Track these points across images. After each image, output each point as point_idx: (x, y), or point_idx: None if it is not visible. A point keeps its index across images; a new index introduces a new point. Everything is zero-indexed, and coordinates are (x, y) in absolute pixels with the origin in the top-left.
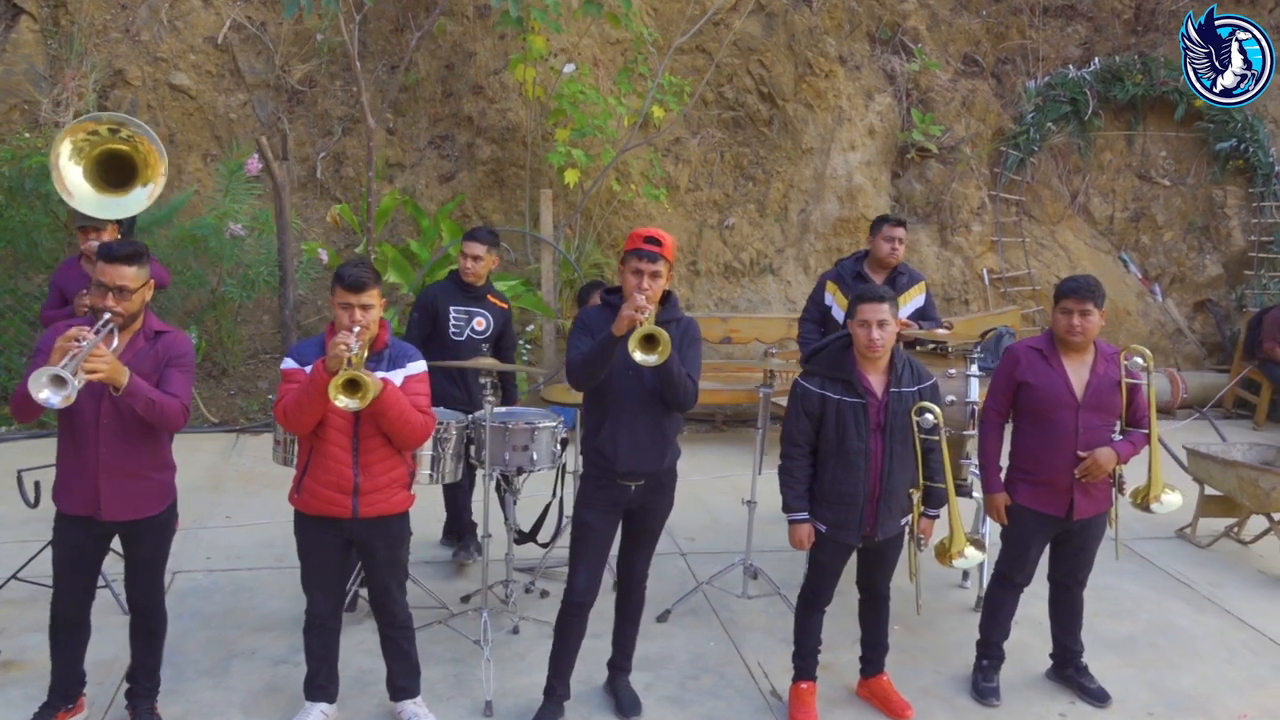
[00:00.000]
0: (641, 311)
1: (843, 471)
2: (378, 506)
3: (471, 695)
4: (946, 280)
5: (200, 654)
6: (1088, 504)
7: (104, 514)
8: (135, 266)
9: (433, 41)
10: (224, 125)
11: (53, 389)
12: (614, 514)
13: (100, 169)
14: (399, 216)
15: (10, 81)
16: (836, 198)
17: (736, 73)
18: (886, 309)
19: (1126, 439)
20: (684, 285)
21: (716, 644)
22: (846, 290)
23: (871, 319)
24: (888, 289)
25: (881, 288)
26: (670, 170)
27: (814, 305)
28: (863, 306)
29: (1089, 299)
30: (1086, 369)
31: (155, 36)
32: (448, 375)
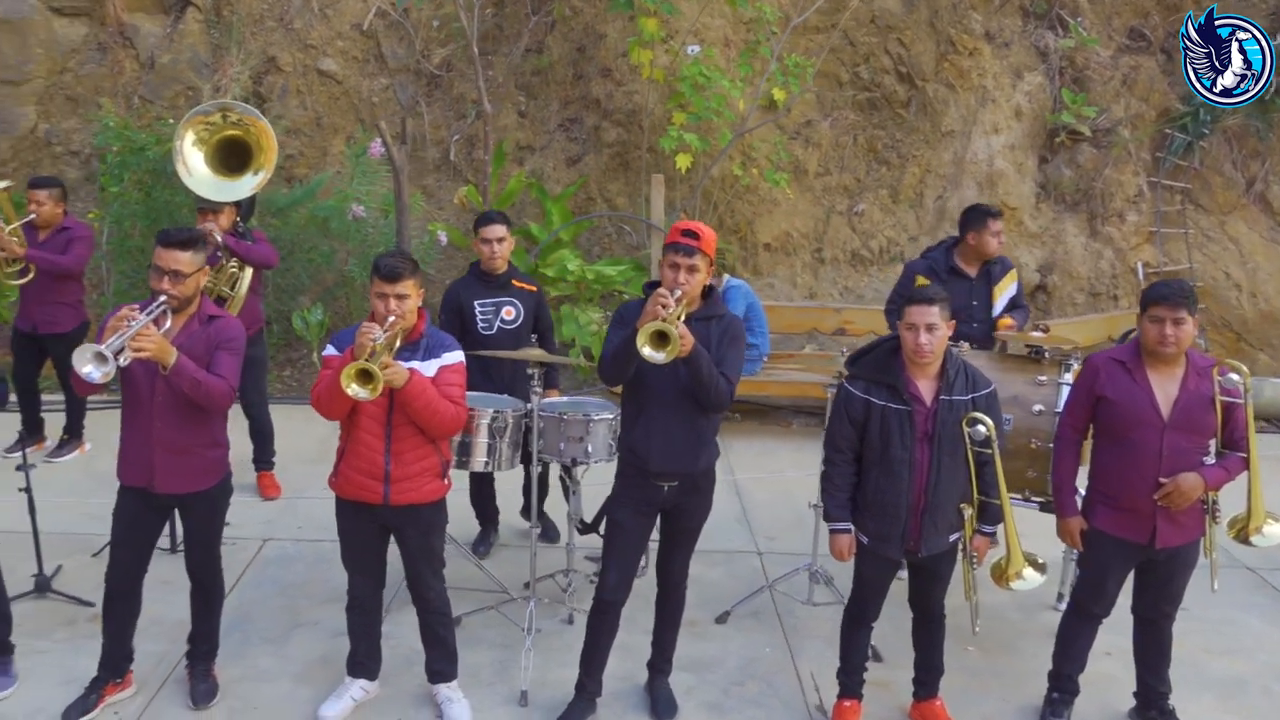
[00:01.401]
0: (665, 307)
1: (885, 481)
2: (408, 494)
3: (512, 683)
4: (1094, 274)
5: (269, 621)
6: (1174, 531)
7: (158, 486)
8: (190, 252)
9: (565, 24)
10: (367, 109)
11: (95, 364)
12: (647, 514)
13: (221, 154)
14: (525, 199)
15: (176, 69)
16: (976, 183)
17: (874, 52)
18: (937, 312)
19: (1219, 463)
20: (808, 273)
21: (772, 650)
22: (940, 282)
23: (920, 322)
24: (940, 290)
25: (934, 289)
26: (799, 154)
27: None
28: (911, 309)
29: (1182, 305)
30: (1176, 384)
31: (306, 24)
32: (480, 369)
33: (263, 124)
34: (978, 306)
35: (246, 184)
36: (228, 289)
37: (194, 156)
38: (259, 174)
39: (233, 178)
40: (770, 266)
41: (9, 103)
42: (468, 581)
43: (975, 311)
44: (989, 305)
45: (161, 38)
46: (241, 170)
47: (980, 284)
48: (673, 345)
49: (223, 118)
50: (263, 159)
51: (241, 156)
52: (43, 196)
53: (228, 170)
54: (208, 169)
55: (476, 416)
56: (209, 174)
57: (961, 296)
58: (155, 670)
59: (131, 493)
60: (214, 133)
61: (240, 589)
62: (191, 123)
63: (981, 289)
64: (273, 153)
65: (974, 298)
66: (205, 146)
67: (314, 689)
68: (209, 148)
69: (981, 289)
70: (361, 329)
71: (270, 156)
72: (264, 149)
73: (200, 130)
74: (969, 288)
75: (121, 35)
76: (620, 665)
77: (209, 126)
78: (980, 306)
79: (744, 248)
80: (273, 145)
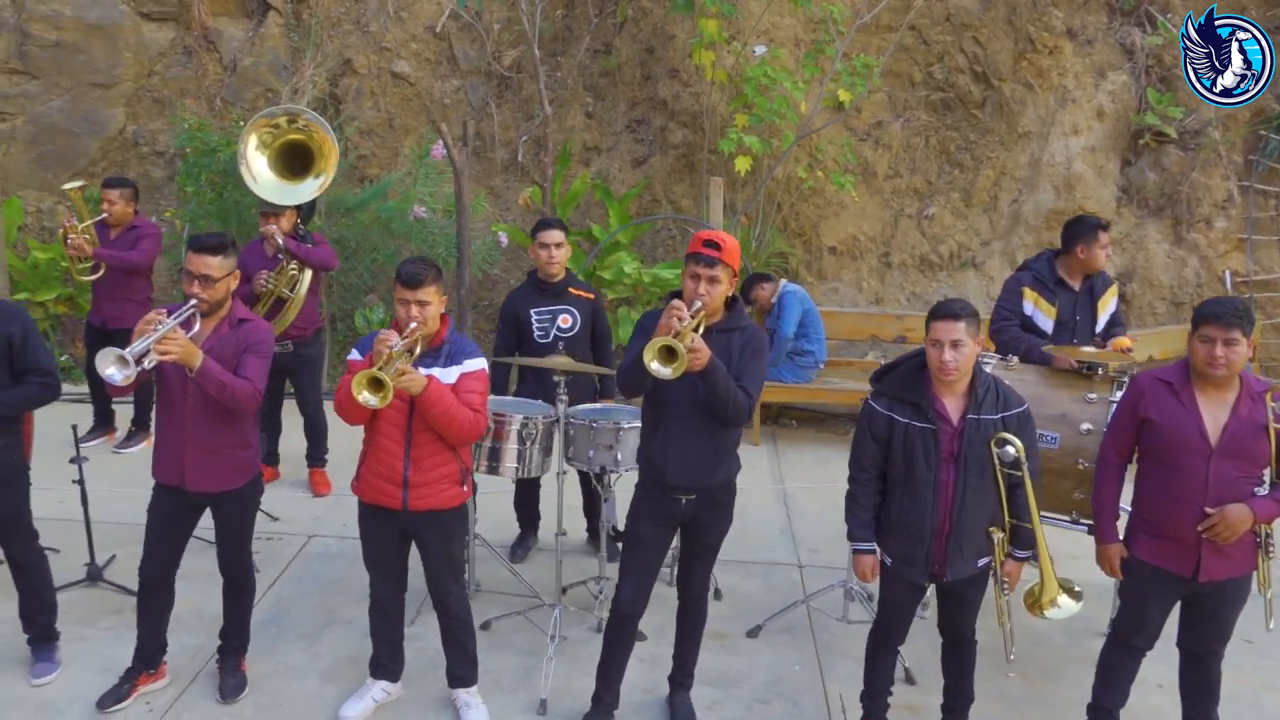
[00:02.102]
0: (680, 320)
1: (909, 502)
2: (427, 500)
3: (533, 690)
4: (1176, 283)
5: (305, 617)
6: (1220, 565)
7: (189, 484)
8: (220, 257)
9: (634, 25)
10: (438, 110)
11: (117, 367)
12: (666, 526)
13: (284, 158)
14: (590, 201)
15: (256, 72)
16: (1053, 187)
17: (948, 51)
18: (963, 328)
19: (1271, 494)
20: (874, 278)
21: (802, 668)
22: (1051, 298)
23: (944, 338)
24: (967, 304)
25: (959, 303)
26: (868, 156)
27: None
28: (935, 324)
29: (1235, 325)
30: (1226, 409)
31: (382, 27)
32: (535, 376)
33: (325, 131)
34: (1081, 322)
35: (308, 188)
36: (287, 290)
37: (258, 160)
38: (320, 179)
39: (295, 181)
40: (835, 271)
41: (99, 105)
42: (503, 586)
43: (1079, 327)
44: (1093, 320)
45: (243, 41)
46: (303, 174)
47: (1084, 298)
48: (680, 361)
49: (288, 122)
50: (324, 164)
51: (304, 160)
52: (114, 196)
53: (290, 174)
54: (271, 172)
55: (507, 423)
56: (272, 177)
57: (1066, 310)
58: (191, 663)
59: (165, 490)
60: (278, 137)
61: (281, 584)
62: (256, 126)
63: (1085, 303)
64: (334, 158)
65: (1078, 312)
66: (269, 150)
67: (340, 688)
68: (272, 151)
69: (1085, 303)
70: (379, 336)
71: (331, 162)
72: (325, 155)
73: (264, 134)
74: (1073, 301)
75: (206, 39)
76: (644, 677)
77: (273, 130)
78: (1084, 322)
79: (808, 251)
80: (334, 151)
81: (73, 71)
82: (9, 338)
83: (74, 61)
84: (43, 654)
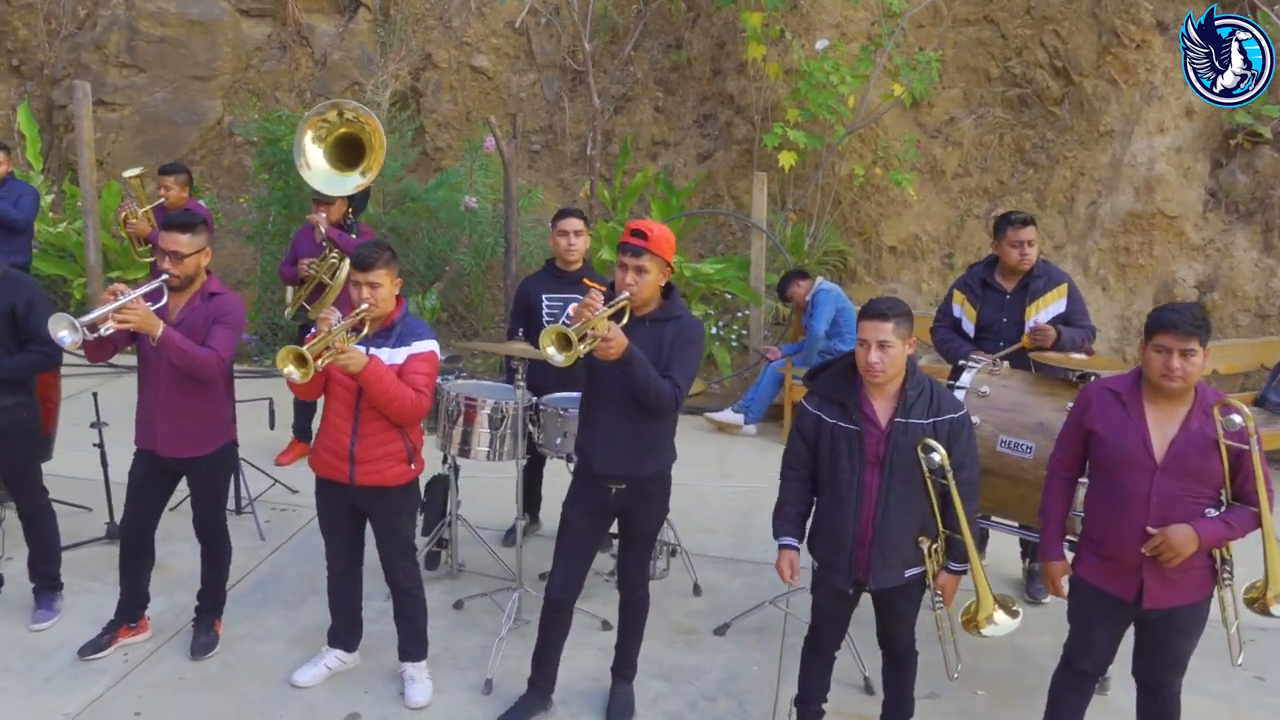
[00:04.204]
0: (591, 310)
1: (832, 506)
2: (372, 476)
3: (485, 670)
4: (1264, 293)
5: (291, 586)
6: (1166, 591)
7: (160, 449)
8: (189, 235)
9: (707, 19)
10: (515, 103)
11: (68, 331)
12: (596, 514)
13: (339, 149)
14: (653, 194)
15: (344, 66)
16: (1133, 188)
17: (1027, 45)
18: (890, 328)
19: (1221, 516)
20: (935, 280)
21: (761, 669)
22: (975, 300)
23: (871, 339)
24: (898, 303)
25: (889, 301)
26: (937, 153)
27: (944, 314)
28: (863, 324)
29: (1194, 335)
30: (1176, 423)
31: (464, 22)
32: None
33: (375, 123)
34: (1007, 324)
35: (351, 182)
36: (327, 277)
37: (314, 152)
38: (366, 174)
39: (344, 173)
40: (894, 270)
41: (199, 96)
42: (488, 569)
43: (1004, 329)
44: (1020, 324)
45: (334, 36)
46: (354, 167)
47: (1015, 300)
48: (574, 350)
49: (338, 115)
50: (372, 160)
51: (358, 151)
52: (170, 182)
53: (344, 164)
54: (325, 163)
55: (478, 408)
56: (325, 167)
57: (988, 313)
58: (176, 620)
59: (141, 454)
60: (331, 131)
61: (281, 553)
62: (310, 123)
63: (1015, 305)
64: (381, 153)
65: (1005, 314)
66: (323, 144)
67: (304, 654)
68: (327, 144)
69: (1015, 305)
70: (321, 315)
71: (379, 157)
72: (374, 149)
73: (318, 129)
74: (1000, 304)
75: (299, 34)
76: (597, 666)
77: (325, 124)
78: (1010, 324)
79: (867, 250)
80: (382, 145)
81: (176, 65)
82: (13, 307)
83: (177, 55)
84: (44, 602)
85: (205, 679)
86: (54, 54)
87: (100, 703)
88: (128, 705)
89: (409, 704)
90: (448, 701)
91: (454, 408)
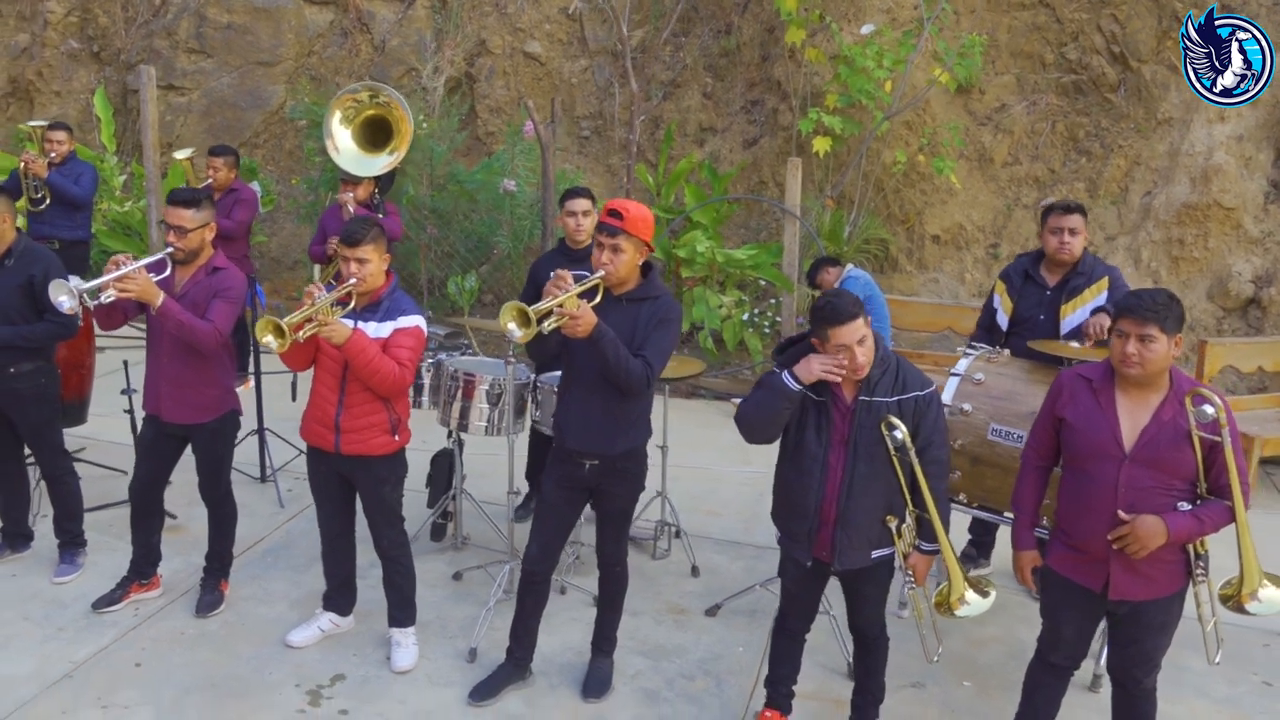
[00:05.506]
0: (561, 289)
1: (794, 476)
2: (356, 446)
3: (472, 639)
4: None
5: (300, 551)
6: (1133, 584)
7: (164, 415)
8: (193, 210)
9: (757, 5)
10: (566, 89)
11: (67, 297)
12: (573, 490)
13: (367, 131)
14: (696, 180)
15: (402, 53)
16: (1189, 179)
17: (1083, 29)
18: (860, 323)
19: (1194, 510)
20: (979, 269)
21: (746, 650)
22: (1014, 293)
23: (850, 341)
24: (858, 302)
25: (849, 303)
26: (987, 141)
27: (985, 305)
28: (839, 330)
29: (1152, 320)
30: (1148, 412)
31: (519, 8)
32: None
33: (403, 108)
34: (1044, 322)
35: (379, 163)
36: None
37: (342, 134)
38: (393, 155)
39: (372, 154)
40: (937, 260)
41: (264, 81)
42: (492, 542)
43: (1040, 327)
44: (1055, 323)
45: (393, 23)
46: (382, 148)
47: (1053, 297)
48: (531, 329)
49: (370, 97)
50: (398, 141)
51: (387, 133)
52: (218, 163)
53: (372, 146)
54: (353, 144)
55: (476, 383)
56: (354, 148)
57: (1024, 307)
58: (189, 579)
59: (148, 419)
60: (360, 111)
61: (298, 520)
62: (340, 102)
63: (1052, 302)
64: (408, 137)
65: (1043, 311)
66: (351, 125)
67: (304, 616)
68: (355, 126)
69: (1052, 302)
70: (307, 289)
71: (405, 140)
72: (401, 133)
73: (347, 109)
74: (1039, 299)
75: (360, 21)
76: (583, 639)
77: (356, 104)
78: (1046, 323)
79: (910, 239)
80: (409, 130)
81: (241, 51)
82: (31, 278)
83: (242, 42)
84: (67, 556)
85: (205, 635)
86: (130, 40)
87: (106, 653)
88: (130, 656)
89: (393, 668)
90: (430, 667)
91: (453, 383)
